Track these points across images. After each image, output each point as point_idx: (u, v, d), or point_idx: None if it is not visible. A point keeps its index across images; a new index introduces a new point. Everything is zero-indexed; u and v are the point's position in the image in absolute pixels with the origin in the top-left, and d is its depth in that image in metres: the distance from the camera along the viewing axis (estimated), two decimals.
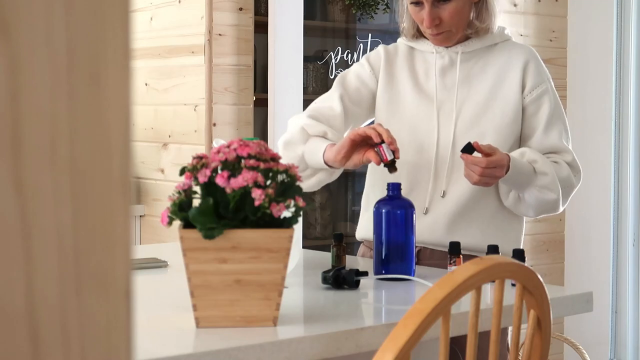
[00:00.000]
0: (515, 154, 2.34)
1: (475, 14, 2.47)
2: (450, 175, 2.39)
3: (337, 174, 2.42)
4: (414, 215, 2.19)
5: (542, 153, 2.41)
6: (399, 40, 2.58)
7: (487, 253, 2.18)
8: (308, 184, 2.40)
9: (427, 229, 2.39)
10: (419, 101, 2.46)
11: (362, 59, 2.57)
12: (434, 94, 2.46)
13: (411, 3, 2.43)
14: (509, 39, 2.53)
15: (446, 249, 2.28)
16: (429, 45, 2.50)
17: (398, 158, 2.19)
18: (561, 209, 2.42)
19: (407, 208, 2.17)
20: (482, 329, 1.74)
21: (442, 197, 2.38)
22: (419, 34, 2.52)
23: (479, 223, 2.40)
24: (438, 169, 2.41)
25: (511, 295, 1.74)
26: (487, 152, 2.23)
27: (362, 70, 2.53)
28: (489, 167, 2.22)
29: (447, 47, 2.48)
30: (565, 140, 2.45)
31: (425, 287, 2.00)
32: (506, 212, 2.44)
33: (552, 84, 2.49)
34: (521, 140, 2.45)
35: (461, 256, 2.21)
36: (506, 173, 2.27)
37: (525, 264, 1.70)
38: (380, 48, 2.57)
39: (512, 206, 2.40)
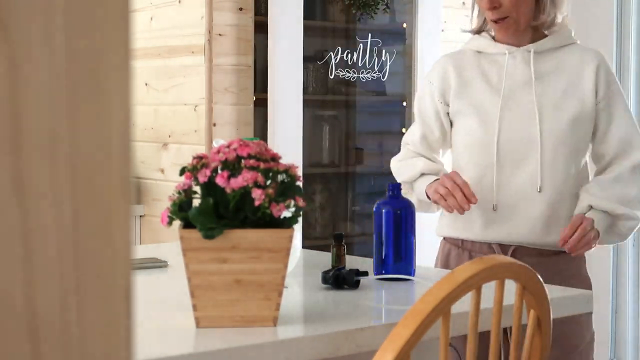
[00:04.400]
0: (583, 209, 2.39)
1: (540, 5, 2.46)
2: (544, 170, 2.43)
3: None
4: (414, 215, 2.19)
5: (614, 149, 2.45)
6: (463, 46, 2.60)
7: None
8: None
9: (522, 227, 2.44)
10: (496, 103, 2.46)
11: (427, 79, 2.61)
12: (509, 92, 2.47)
13: None
14: (576, 42, 2.54)
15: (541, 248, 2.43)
16: (500, 47, 2.50)
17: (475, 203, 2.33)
18: None
19: (407, 208, 2.17)
20: (482, 329, 1.74)
21: (539, 191, 2.41)
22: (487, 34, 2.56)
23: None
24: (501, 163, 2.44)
25: (511, 295, 1.74)
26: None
27: (430, 92, 2.57)
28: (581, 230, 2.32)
29: (518, 47, 2.49)
30: (634, 136, 2.47)
31: (425, 287, 2.00)
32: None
33: (619, 85, 2.52)
34: (594, 138, 2.48)
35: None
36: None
37: (524, 264, 1.69)
38: (444, 59, 2.58)
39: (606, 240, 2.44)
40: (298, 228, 2.09)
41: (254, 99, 3.77)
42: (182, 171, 1.67)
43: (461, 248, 2.49)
